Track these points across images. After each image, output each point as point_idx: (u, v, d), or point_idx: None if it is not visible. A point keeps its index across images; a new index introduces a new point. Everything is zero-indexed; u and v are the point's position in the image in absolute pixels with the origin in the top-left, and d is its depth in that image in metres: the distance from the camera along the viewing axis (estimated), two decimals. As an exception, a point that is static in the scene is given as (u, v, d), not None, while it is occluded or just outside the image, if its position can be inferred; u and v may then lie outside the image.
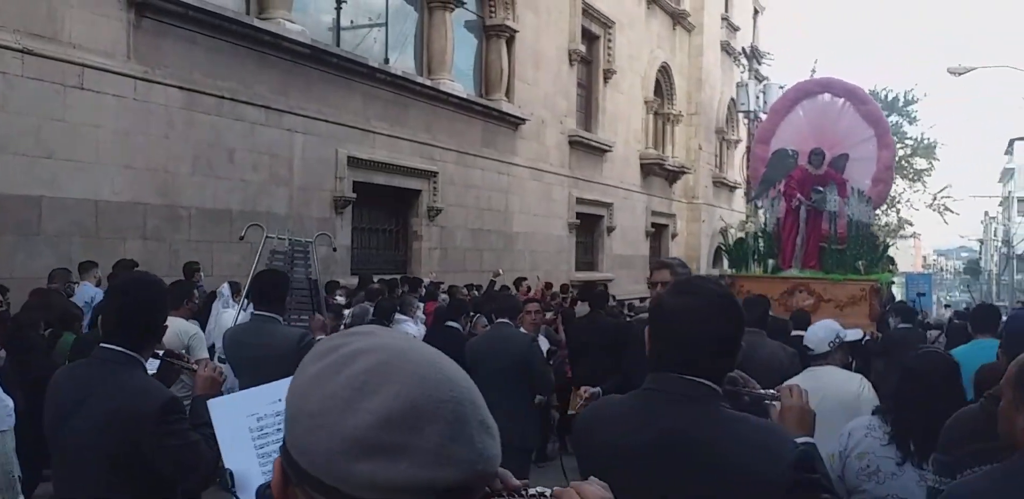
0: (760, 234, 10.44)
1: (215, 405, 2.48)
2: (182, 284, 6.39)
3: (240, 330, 4.68)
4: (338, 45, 11.49)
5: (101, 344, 2.63)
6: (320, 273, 9.59)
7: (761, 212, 10.60)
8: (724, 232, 11.01)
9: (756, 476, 1.64)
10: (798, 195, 9.94)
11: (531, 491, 0.88)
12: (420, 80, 12.58)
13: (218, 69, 9.43)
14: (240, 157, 9.69)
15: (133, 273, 5.84)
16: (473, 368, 5.43)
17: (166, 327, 2.76)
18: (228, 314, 7.55)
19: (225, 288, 7.93)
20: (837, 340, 4.07)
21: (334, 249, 10.01)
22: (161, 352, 2.93)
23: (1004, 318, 6.90)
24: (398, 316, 8.85)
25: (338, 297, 9.50)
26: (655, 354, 1.84)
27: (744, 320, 1.86)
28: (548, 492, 0.90)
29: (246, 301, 7.99)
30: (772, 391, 2.13)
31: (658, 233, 22.69)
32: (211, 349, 6.73)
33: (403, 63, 12.99)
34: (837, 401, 3.58)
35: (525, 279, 12.79)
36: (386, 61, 12.40)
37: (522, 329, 6.46)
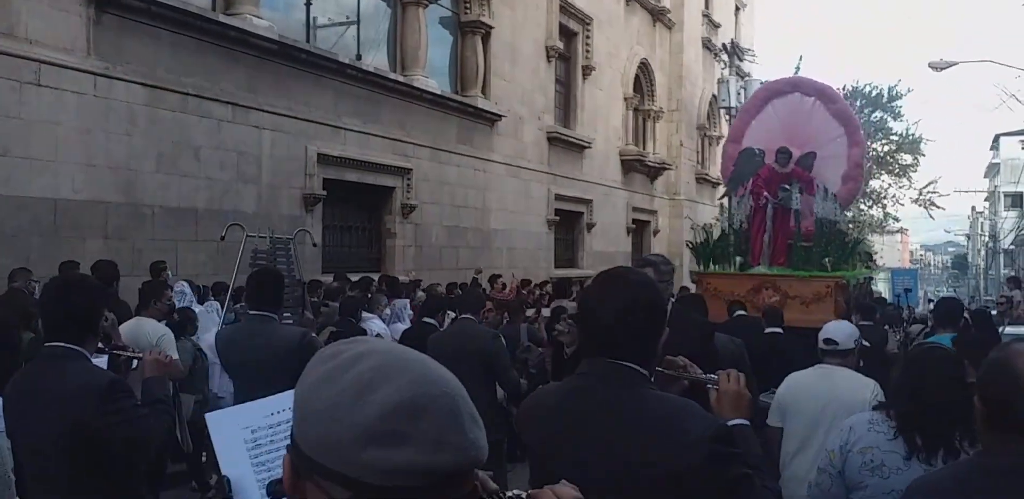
0: (729, 232, 10.40)
1: (212, 419, 2.58)
2: (152, 285, 6.29)
3: (235, 330, 4.59)
4: (308, 42, 11.38)
5: (45, 343, 2.79)
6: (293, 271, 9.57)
7: (732, 210, 10.52)
8: (706, 229, 10.93)
9: (675, 452, 1.72)
10: (765, 193, 9.89)
11: (508, 493, 0.97)
12: (393, 76, 12.50)
13: (182, 65, 9.33)
14: (206, 155, 9.60)
15: (65, 274, 5.75)
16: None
17: (109, 319, 2.99)
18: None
19: (185, 287, 7.85)
20: (858, 341, 4.06)
21: (314, 244, 9.95)
22: (106, 347, 3.08)
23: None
24: (364, 314, 8.81)
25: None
26: (585, 342, 1.99)
27: (663, 309, 1.96)
28: (524, 494, 0.99)
29: (231, 301, 7.95)
30: (712, 376, 2.20)
31: (640, 229, 22.65)
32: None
33: (377, 60, 12.90)
34: (846, 408, 3.57)
35: (500, 276, 12.73)
36: (358, 58, 12.31)
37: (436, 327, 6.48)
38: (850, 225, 19.66)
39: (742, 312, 7.96)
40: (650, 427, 1.78)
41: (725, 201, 11.62)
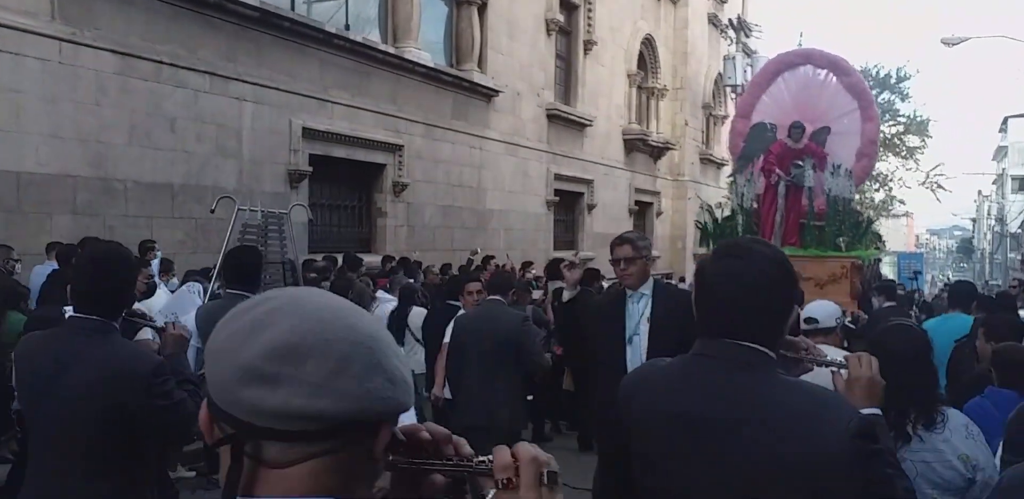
0: (738, 211, 9.93)
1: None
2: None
3: (215, 308, 4.48)
4: (292, 10, 10.83)
5: (74, 314, 2.71)
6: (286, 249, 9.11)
7: (741, 188, 10.06)
8: (710, 210, 10.48)
9: (812, 447, 1.52)
10: (776, 170, 9.41)
11: (478, 458, 0.93)
12: (383, 48, 11.94)
13: (157, 33, 8.82)
14: (182, 127, 9.10)
15: (104, 243, 5.51)
16: (459, 347, 5.19)
17: (135, 295, 2.96)
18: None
19: (197, 288, 7.40)
20: (840, 319, 4.00)
21: (310, 220, 9.46)
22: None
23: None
24: (381, 294, 8.53)
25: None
26: (702, 320, 1.77)
27: (794, 284, 1.76)
28: (487, 459, 0.92)
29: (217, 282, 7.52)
30: (839, 359, 2.06)
31: (642, 211, 22.13)
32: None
33: (368, 32, 12.35)
34: (828, 385, 3.28)
35: (493, 257, 12.25)
36: (347, 27, 11.76)
37: (461, 309, 6.08)
38: (859, 205, 19.19)
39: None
40: (783, 418, 1.57)
41: (734, 179, 11.15)
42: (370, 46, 11.63)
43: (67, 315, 2.88)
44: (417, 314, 7.22)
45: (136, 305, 5.20)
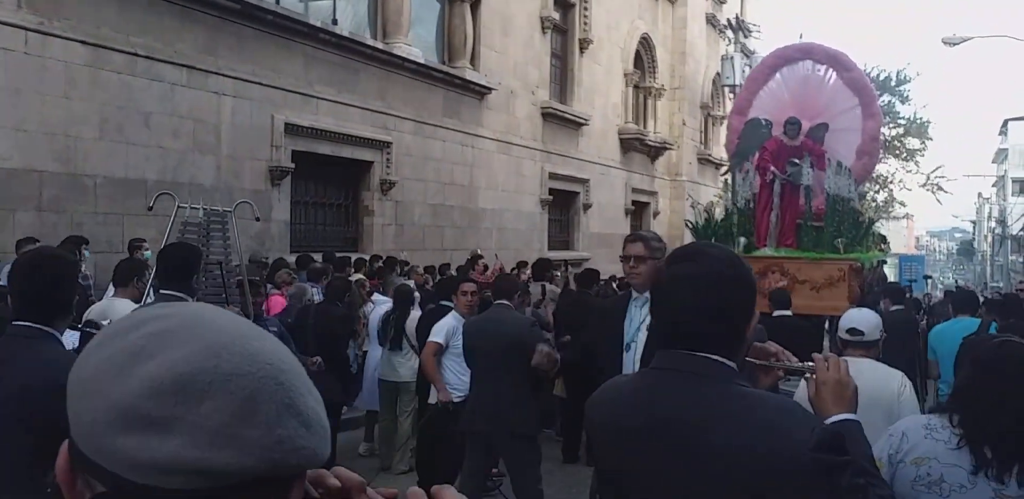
0: (732, 210, 9.60)
1: None
2: (132, 262, 5.80)
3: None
4: (278, 3, 10.49)
5: (12, 321, 2.61)
6: (249, 250, 8.77)
7: (737, 187, 9.72)
8: (709, 209, 10.15)
9: (765, 461, 1.46)
10: (772, 168, 9.08)
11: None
12: (370, 42, 11.61)
13: (131, 24, 8.49)
14: (157, 121, 8.78)
15: (39, 248, 5.27)
16: (467, 353, 5.27)
17: (77, 300, 2.77)
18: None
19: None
20: (883, 332, 3.78)
21: (256, 219, 8.91)
22: (79, 324, 3.03)
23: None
24: (378, 297, 8.30)
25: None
26: (659, 330, 1.72)
27: (752, 287, 1.68)
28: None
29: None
30: (809, 363, 1.95)
31: (639, 211, 21.80)
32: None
33: (357, 26, 12.03)
34: (873, 401, 3.17)
35: (481, 257, 11.91)
36: (334, 22, 11.44)
37: (453, 312, 5.96)
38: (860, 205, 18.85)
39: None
40: (742, 433, 1.50)
41: (728, 178, 10.80)
42: (358, 41, 11.31)
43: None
44: (415, 319, 6.88)
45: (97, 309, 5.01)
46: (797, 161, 8.98)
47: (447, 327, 5.82)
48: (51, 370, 2.37)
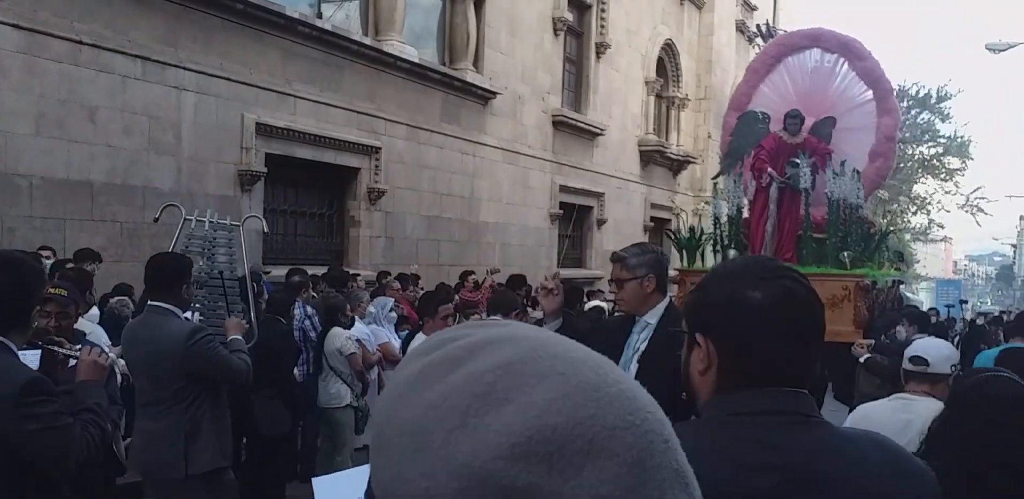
0: (721, 219, 8.56)
1: (319, 484, 2.24)
2: (80, 273, 5.87)
3: (137, 324, 4.14)
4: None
5: None
6: (250, 261, 7.86)
7: (729, 192, 8.65)
8: (716, 219, 9.07)
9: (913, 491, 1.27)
10: (769, 169, 8.00)
11: None
12: (357, 38, 10.71)
13: (74, 9, 7.66)
14: (105, 117, 7.92)
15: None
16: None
17: (37, 309, 2.67)
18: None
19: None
20: (956, 367, 3.35)
21: (265, 231, 8.08)
22: (40, 341, 2.91)
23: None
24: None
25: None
26: (738, 369, 1.30)
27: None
28: None
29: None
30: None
31: (658, 228, 20.70)
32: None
33: (348, 22, 11.17)
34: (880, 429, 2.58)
35: (472, 273, 10.91)
36: (319, 15, 10.58)
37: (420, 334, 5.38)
38: (883, 221, 17.62)
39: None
40: (872, 483, 1.24)
41: (719, 182, 9.66)
42: (342, 36, 10.41)
43: None
44: (338, 336, 5.95)
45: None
46: (798, 161, 7.90)
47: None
48: None
